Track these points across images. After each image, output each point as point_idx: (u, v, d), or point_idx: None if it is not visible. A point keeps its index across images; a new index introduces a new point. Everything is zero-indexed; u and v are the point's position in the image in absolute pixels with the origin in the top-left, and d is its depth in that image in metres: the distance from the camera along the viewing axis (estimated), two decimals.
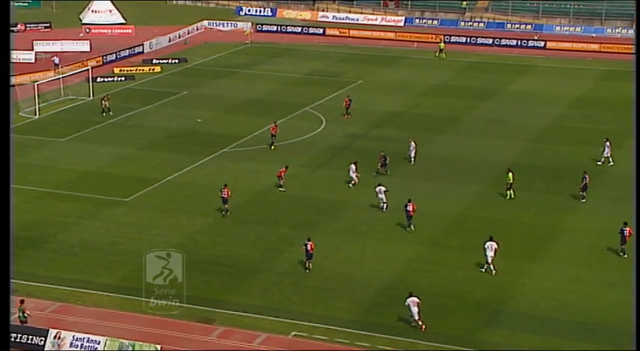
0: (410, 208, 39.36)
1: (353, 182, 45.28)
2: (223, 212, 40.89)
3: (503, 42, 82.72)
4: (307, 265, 35.33)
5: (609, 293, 33.95)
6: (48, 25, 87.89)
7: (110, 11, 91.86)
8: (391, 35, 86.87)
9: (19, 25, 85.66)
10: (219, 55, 79.55)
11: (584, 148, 51.01)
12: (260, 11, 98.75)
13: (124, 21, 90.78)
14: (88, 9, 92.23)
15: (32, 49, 76.54)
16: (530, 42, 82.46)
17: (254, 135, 54.54)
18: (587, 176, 43.67)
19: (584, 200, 43.48)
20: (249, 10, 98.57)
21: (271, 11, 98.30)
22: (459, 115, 59.73)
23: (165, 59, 76.03)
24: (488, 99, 64.03)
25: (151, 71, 72.39)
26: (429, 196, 43.47)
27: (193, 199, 43.64)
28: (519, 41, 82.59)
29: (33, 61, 74.28)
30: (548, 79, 69.87)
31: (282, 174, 44.57)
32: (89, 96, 62.72)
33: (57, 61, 70.33)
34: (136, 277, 34.21)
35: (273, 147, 51.05)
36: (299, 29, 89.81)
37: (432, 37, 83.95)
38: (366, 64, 75.45)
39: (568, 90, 66.14)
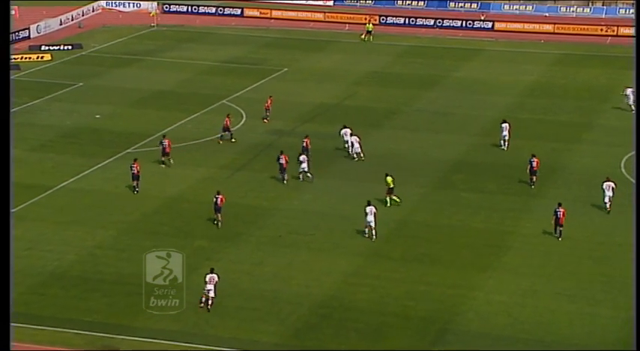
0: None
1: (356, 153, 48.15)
2: (216, 222, 41.24)
3: (446, 23, 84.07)
4: (217, 218, 40.19)
5: (568, 306, 34.80)
6: None
7: None
8: (319, 16, 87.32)
9: None
10: (119, 40, 78.68)
11: (539, 143, 52.19)
12: None
13: None
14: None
15: None
16: (476, 23, 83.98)
17: (163, 132, 54.09)
18: (534, 160, 45.64)
19: (533, 186, 45.16)
20: None
21: None
22: (398, 106, 60.44)
23: (57, 45, 74.93)
24: (430, 88, 64.96)
25: (40, 59, 71.25)
26: (366, 199, 43.78)
27: (93, 208, 43.07)
28: (464, 22, 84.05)
29: None
30: (498, 65, 71.30)
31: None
32: None
33: None
34: (26, 301, 33.54)
35: (265, 120, 53.59)
36: (213, 10, 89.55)
37: (365, 19, 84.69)
38: (291, 50, 75.68)
39: (519, 77, 67.62)
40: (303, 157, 46.21)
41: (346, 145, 50.14)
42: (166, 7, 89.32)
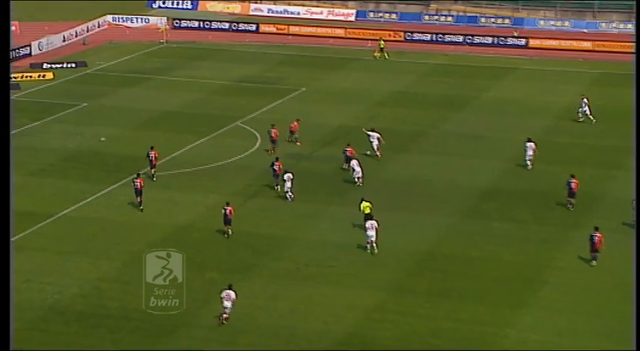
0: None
1: (358, 175, 49.17)
2: (226, 235, 43.39)
3: (477, 40, 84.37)
4: (226, 231, 42.69)
5: (609, 346, 34.65)
6: None
7: None
8: (340, 32, 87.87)
9: None
10: (126, 57, 79.43)
11: (577, 168, 52.04)
12: (178, 3, 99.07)
13: None
14: None
15: None
16: (508, 40, 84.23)
17: (172, 156, 54.45)
18: (573, 180, 46.28)
19: (571, 207, 45.96)
20: (164, 2, 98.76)
21: (191, 4, 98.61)
22: (424, 129, 60.57)
23: (59, 63, 75.76)
24: (459, 109, 65.07)
25: (41, 78, 72.03)
26: (390, 229, 43.84)
27: (96, 237, 43.37)
28: (495, 39, 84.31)
29: None
30: (532, 85, 71.40)
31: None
32: None
33: None
34: (25, 338, 33.75)
35: (298, 143, 55.53)
36: (226, 25, 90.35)
37: (389, 35, 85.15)
38: (309, 68, 76.12)
39: (556, 97, 67.65)
40: (287, 176, 47.46)
41: (344, 166, 50.91)
42: (176, 23, 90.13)
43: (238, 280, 37.46)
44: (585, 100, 61.96)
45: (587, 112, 61.64)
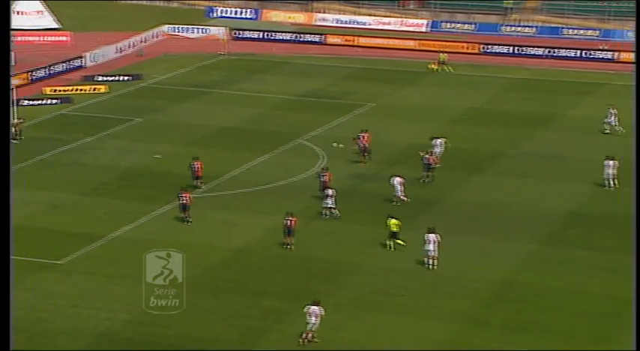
0: None
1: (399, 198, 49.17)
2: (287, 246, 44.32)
3: (560, 53, 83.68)
4: (288, 243, 43.78)
5: None
6: None
7: (40, 12, 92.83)
8: (411, 44, 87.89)
9: None
10: (184, 70, 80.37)
11: None
12: (238, 12, 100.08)
13: (58, 26, 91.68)
14: (11, 10, 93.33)
15: None
16: (595, 53, 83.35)
17: (230, 175, 54.82)
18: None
19: None
20: (224, 12, 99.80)
21: (253, 13, 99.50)
22: (502, 149, 60.15)
23: (113, 76, 76.91)
24: (540, 128, 64.52)
25: (94, 92, 73.11)
26: (465, 256, 43.52)
27: None
28: (581, 52, 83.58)
29: None
30: (621, 102, 70.36)
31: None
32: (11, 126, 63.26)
33: None
34: None
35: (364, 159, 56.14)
36: (289, 36, 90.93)
37: (465, 47, 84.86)
38: (378, 82, 76.18)
39: None
40: (331, 191, 48.20)
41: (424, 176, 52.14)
42: (237, 34, 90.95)
43: (298, 308, 37.44)
44: (613, 110, 62.45)
45: (614, 122, 62.18)
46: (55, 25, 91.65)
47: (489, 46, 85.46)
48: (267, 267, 43.07)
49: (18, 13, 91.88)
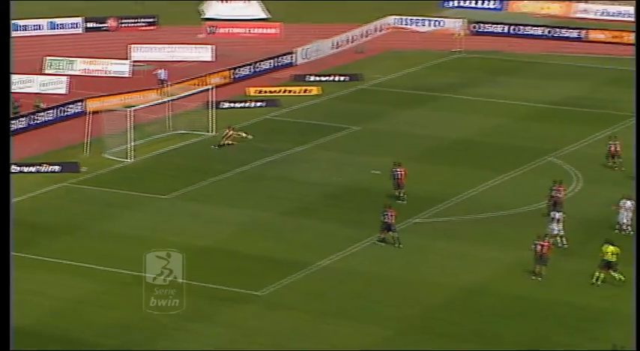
0: None
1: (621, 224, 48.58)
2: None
3: None
4: (536, 272, 44.51)
5: None
6: (152, 20, 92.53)
7: (246, 0, 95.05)
8: None
9: (109, 21, 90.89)
10: (411, 69, 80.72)
11: None
12: (479, 2, 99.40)
13: (266, 16, 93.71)
14: None
15: (127, 58, 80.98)
16: None
17: (461, 197, 54.60)
18: None
19: None
20: (461, 1, 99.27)
21: (497, 2, 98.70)
22: None
23: (328, 75, 78.16)
24: None
25: (305, 94, 74.45)
26: None
27: (362, 296, 44.09)
28: None
29: (127, 74, 78.54)
30: None
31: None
32: (209, 130, 65.37)
33: (163, 75, 74.09)
34: None
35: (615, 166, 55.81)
36: (541, 31, 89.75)
37: None
38: None
39: None
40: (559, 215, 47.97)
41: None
42: (476, 27, 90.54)
43: None
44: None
45: None
46: (263, 16, 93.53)
47: None
48: (503, 310, 42.58)
49: (222, 0, 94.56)
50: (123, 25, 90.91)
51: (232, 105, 70.66)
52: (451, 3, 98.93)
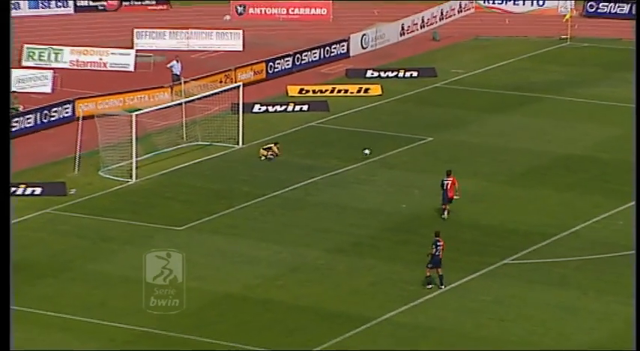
0: None
1: None
2: None
3: None
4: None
5: None
6: None
7: None
8: None
9: None
10: (502, 63, 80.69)
11: None
12: None
13: None
14: None
15: (131, 46, 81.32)
16: None
17: (570, 231, 54.34)
18: None
19: None
20: None
21: None
22: None
23: (392, 70, 78.24)
24: None
25: (363, 94, 74.44)
26: None
27: None
28: None
29: (131, 68, 78.89)
30: None
31: None
32: (237, 142, 65.47)
33: (177, 69, 74.10)
34: None
35: None
36: None
37: None
38: None
39: None
40: None
41: None
42: (591, 7, 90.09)
43: None
44: None
45: None
46: None
47: None
48: None
49: None
50: (125, 3, 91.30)
51: (267, 108, 70.74)
52: None
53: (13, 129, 65.73)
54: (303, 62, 79.06)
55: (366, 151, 59.44)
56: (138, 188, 60.26)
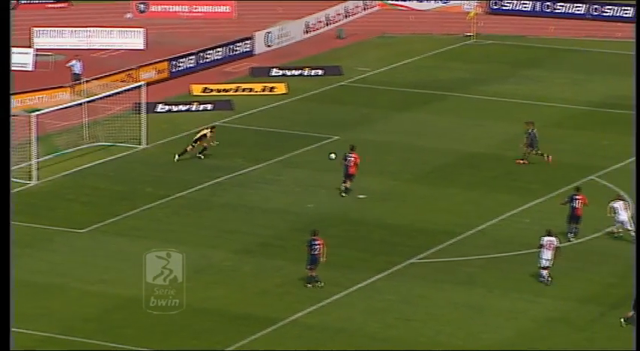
0: None
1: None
2: None
3: None
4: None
5: None
6: None
7: None
8: None
9: None
10: (408, 60, 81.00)
11: None
12: None
13: None
14: None
15: (30, 45, 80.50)
16: None
17: (477, 230, 54.74)
18: None
19: None
20: None
21: None
22: None
23: (298, 68, 78.18)
24: None
25: (268, 92, 74.41)
26: None
27: None
28: None
29: (30, 67, 78.13)
30: None
31: None
32: (140, 142, 65.20)
33: (78, 68, 73.70)
34: None
35: None
36: (581, 9, 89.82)
37: None
38: None
39: None
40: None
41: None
42: (495, 5, 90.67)
43: None
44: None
45: None
46: None
47: None
48: None
49: None
50: (23, 1, 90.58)
51: (171, 108, 70.52)
52: None
53: None
54: (206, 61, 78.96)
55: (332, 156, 58.85)
56: (38, 190, 59.76)
